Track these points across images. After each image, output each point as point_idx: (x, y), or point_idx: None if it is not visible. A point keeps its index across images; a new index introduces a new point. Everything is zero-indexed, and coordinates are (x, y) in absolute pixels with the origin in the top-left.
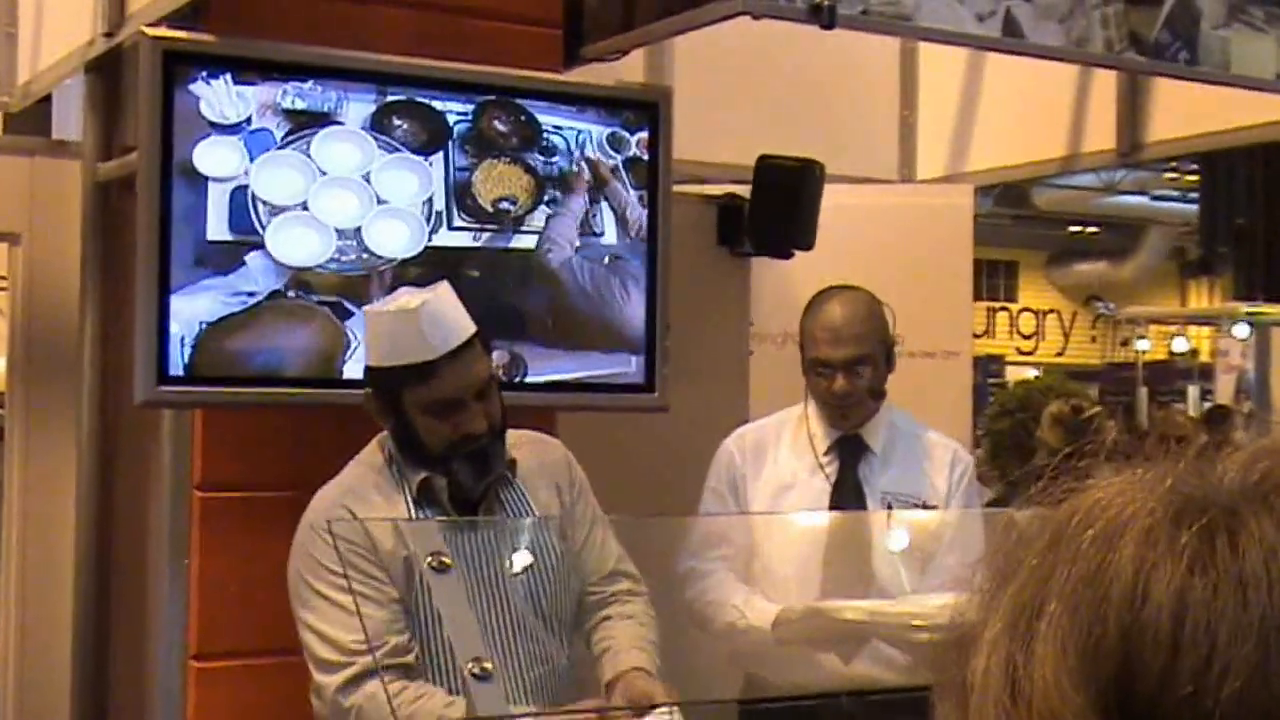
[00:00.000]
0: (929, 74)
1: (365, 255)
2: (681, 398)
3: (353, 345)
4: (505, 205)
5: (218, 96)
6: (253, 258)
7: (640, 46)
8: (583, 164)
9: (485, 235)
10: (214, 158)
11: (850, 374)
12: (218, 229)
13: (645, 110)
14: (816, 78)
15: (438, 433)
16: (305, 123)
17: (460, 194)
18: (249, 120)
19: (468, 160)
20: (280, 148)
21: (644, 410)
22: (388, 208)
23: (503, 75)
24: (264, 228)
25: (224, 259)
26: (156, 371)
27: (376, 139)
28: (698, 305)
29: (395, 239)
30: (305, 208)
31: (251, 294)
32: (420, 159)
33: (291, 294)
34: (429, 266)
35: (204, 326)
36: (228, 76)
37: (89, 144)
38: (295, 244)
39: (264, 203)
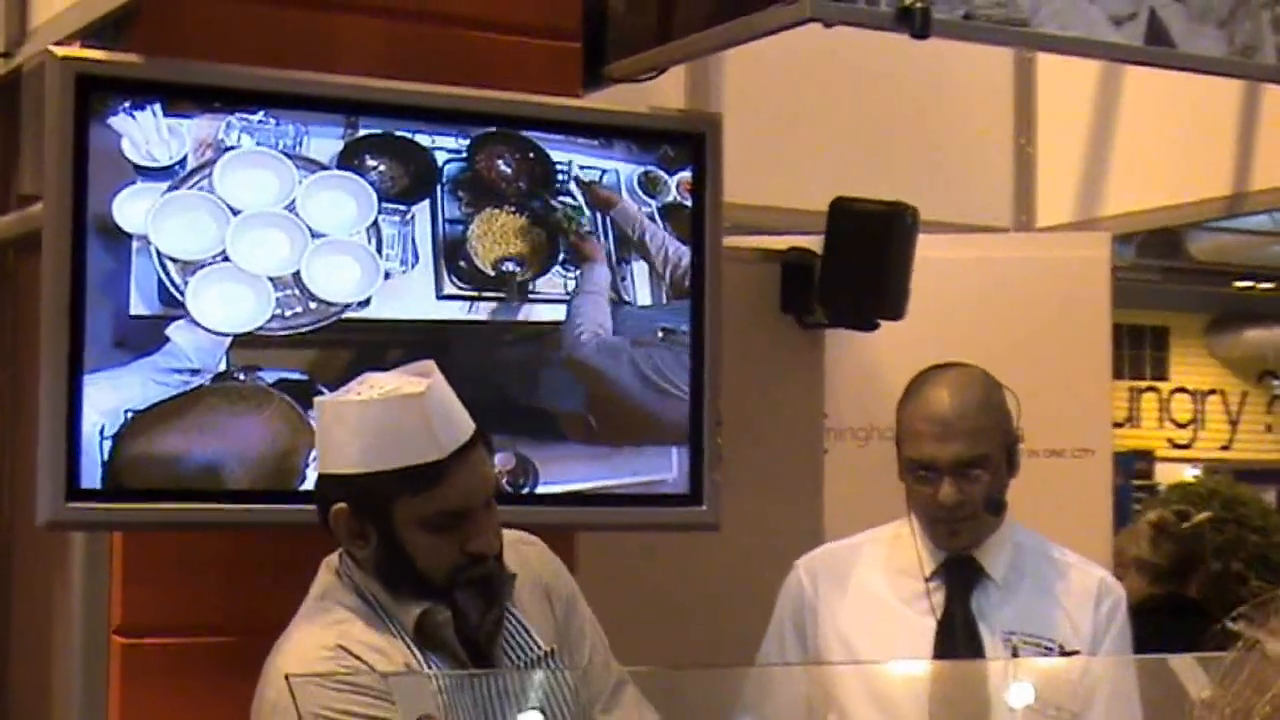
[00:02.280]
0: (1051, 93)
1: (313, 304)
2: (737, 512)
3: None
4: (509, 267)
5: (144, 133)
6: (177, 329)
7: (680, 63)
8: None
9: (483, 306)
10: (139, 210)
11: (961, 478)
12: (145, 300)
13: (688, 143)
14: (906, 100)
15: (441, 554)
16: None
17: (451, 253)
18: (183, 162)
19: (461, 210)
20: (173, 188)
21: (689, 529)
22: (326, 241)
23: (505, 101)
24: (181, 290)
25: (150, 336)
26: (65, 483)
27: (291, 158)
28: (757, 392)
29: (343, 278)
30: (225, 258)
31: (194, 372)
32: (358, 179)
33: (241, 375)
34: (409, 347)
35: (129, 417)
36: (157, 107)
37: None
38: (223, 305)
39: (173, 259)
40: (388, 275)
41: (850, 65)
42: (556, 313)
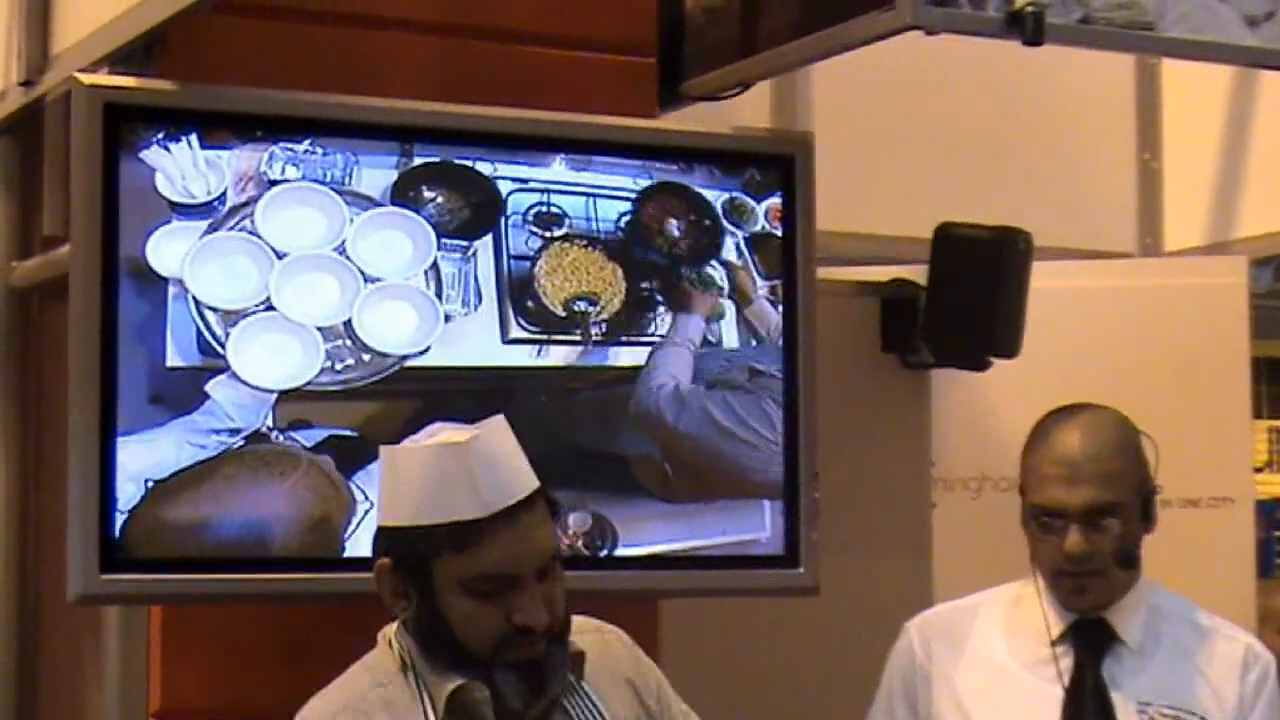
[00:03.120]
0: (1178, 104)
1: (367, 355)
2: (837, 573)
3: (359, 509)
4: (582, 306)
5: (180, 166)
6: (217, 385)
7: (766, 79)
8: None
9: (553, 350)
10: (175, 252)
11: (1090, 528)
12: (181, 351)
13: (777, 167)
14: (1017, 114)
15: (481, 623)
16: None
17: (518, 292)
18: (223, 198)
19: (528, 245)
20: (211, 230)
21: (785, 593)
22: (380, 286)
23: (575, 124)
24: (222, 342)
25: (190, 392)
26: (99, 554)
27: (341, 193)
28: (857, 440)
29: (399, 326)
30: (269, 306)
31: (234, 431)
32: (415, 216)
33: (277, 435)
34: (473, 398)
35: (163, 481)
36: (193, 138)
37: None
38: (270, 358)
39: (212, 309)
40: (448, 318)
41: (954, 77)
42: (634, 356)
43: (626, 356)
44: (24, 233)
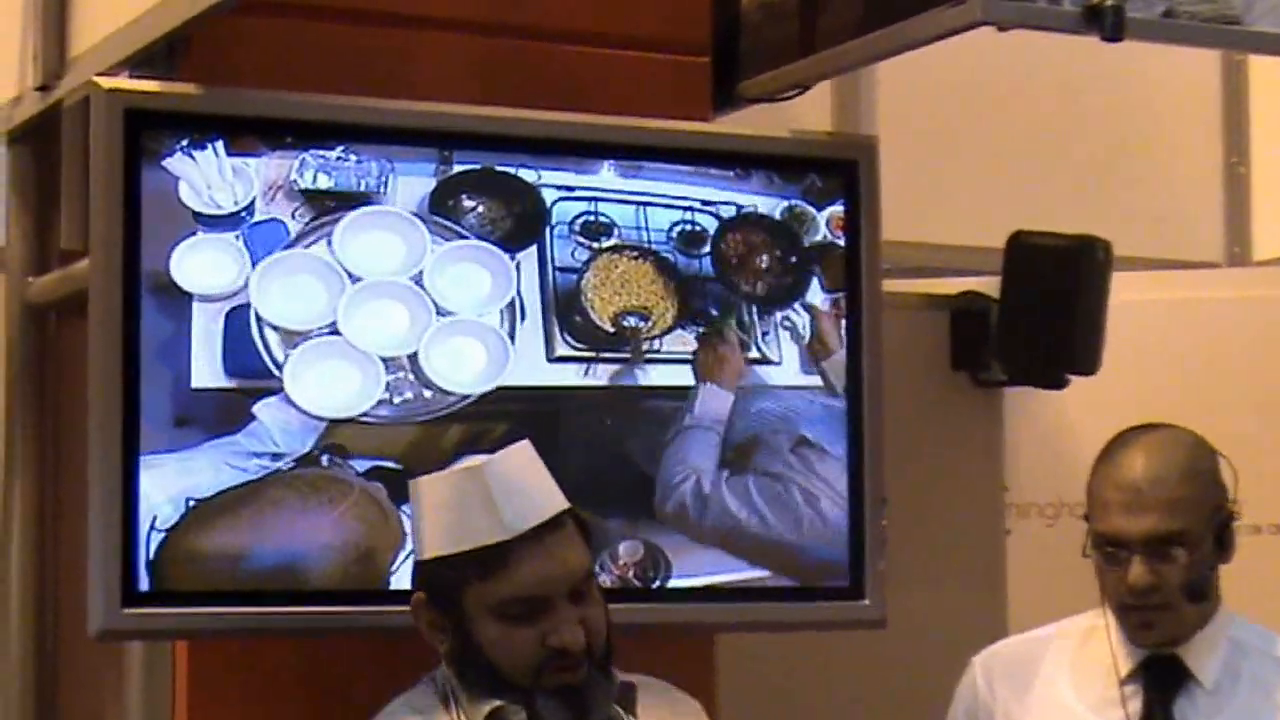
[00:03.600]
0: (1267, 104)
1: (428, 392)
2: (905, 605)
3: (407, 541)
4: (632, 322)
5: (205, 175)
6: (266, 408)
7: (827, 79)
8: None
9: (601, 369)
10: (202, 266)
11: (1155, 558)
12: (208, 370)
13: (839, 172)
14: (1095, 115)
15: (516, 648)
16: (334, 208)
17: (564, 307)
18: (250, 208)
19: (575, 257)
20: (289, 245)
21: (850, 626)
22: (453, 321)
23: (624, 128)
24: (279, 364)
25: (220, 413)
26: (121, 586)
27: (427, 223)
28: (925, 463)
29: (468, 365)
30: (335, 330)
31: (276, 456)
32: (498, 251)
33: (326, 459)
34: (516, 420)
35: (190, 507)
36: (219, 145)
37: (14, 250)
38: (328, 384)
39: (275, 328)
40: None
41: (1028, 76)
42: (685, 375)
43: (675, 375)
44: (41, 246)
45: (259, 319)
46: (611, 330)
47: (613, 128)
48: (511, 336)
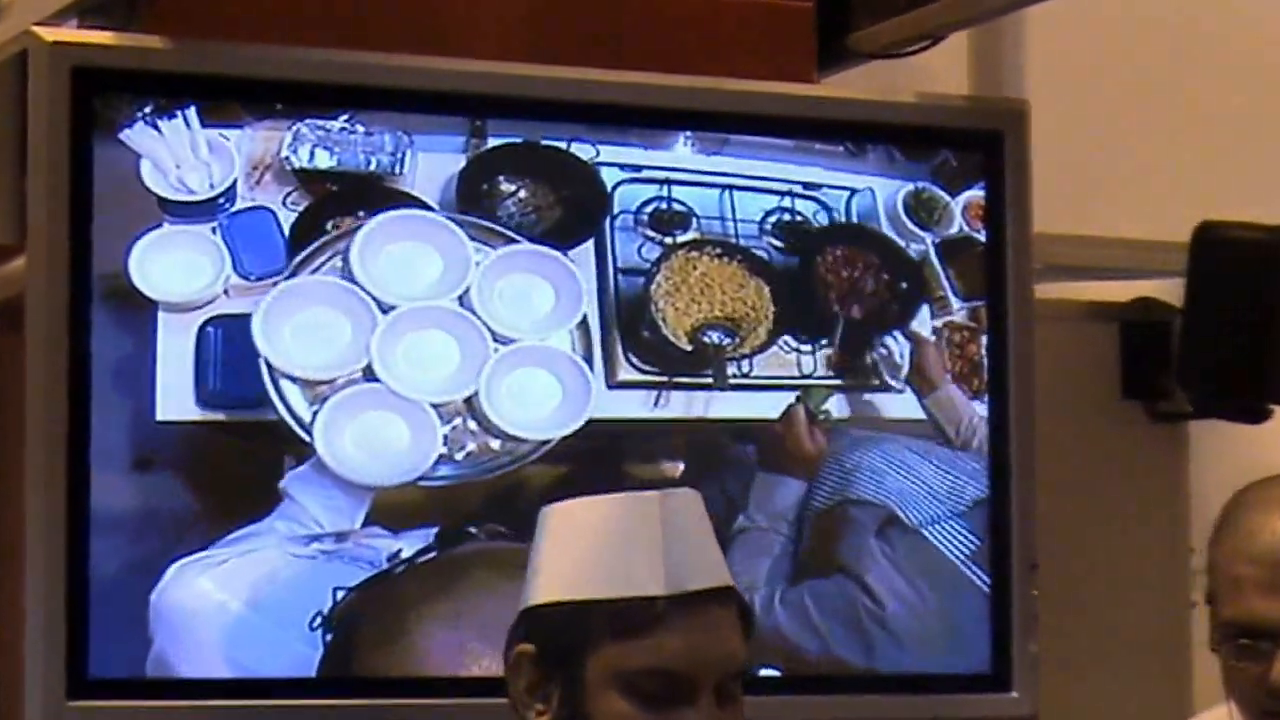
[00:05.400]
0: None
1: (497, 441)
2: (1064, 695)
3: None
4: (715, 338)
5: (173, 151)
6: (298, 481)
7: (962, 29)
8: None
9: (675, 397)
10: (169, 266)
11: None
12: (177, 399)
13: (979, 147)
14: None
15: None
16: (338, 197)
17: (630, 319)
18: (231, 193)
19: (642, 255)
20: (291, 275)
21: None
22: (517, 350)
23: (705, 91)
24: (306, 425)
25: (193, 452)
26: (66, 673)
27: (464, 225)
28: (1089, 517)
29: (541, 402)
30: (372, 376)
31: (315, 537)
32: (557, 255)
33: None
34: (563, 461)
35: (339, 597)
36: (190, 112)
37: None
38: (370, 444)
39: (293, 379)
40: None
41: (1215, 34)
42: (777, 405)
43: (768, 404)
44: None
45: (270, 369)
46: (689, 348)
47: (690, 91)
48: (588, 360)
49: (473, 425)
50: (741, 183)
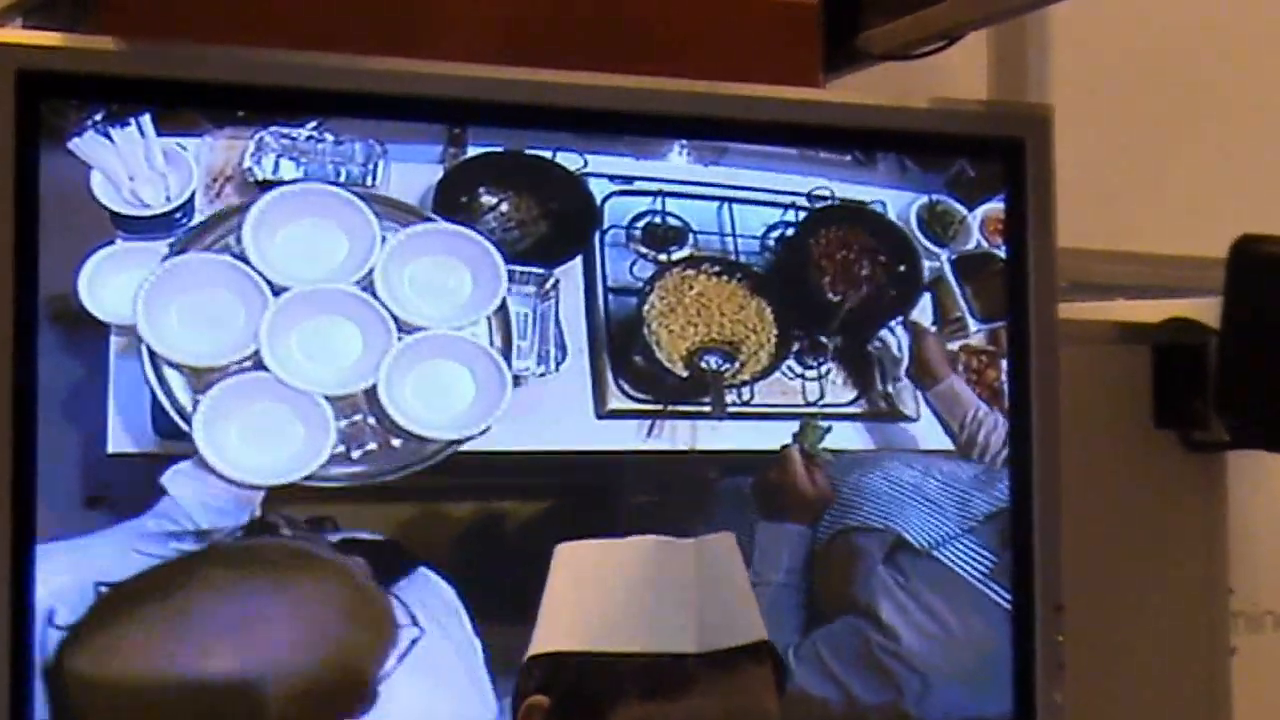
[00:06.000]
0: None
1: (397, 440)
2: None
3: (401, 636)
4: (713, 362)
5: (126, 161)
6: (178, 477)
7: (980, 28)
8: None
9: (672, 428)
10: (123, 287)
11: None
12: (130, 430)
13: (999, 156)
14: None
15: None
16: None
17: (620, 343)
18: (189, 207)
19: (635, 273)
20: (176, 251)
21: None
22: (422, 339)
23: (703, 96)
24: (187, 415)
25: (139, 488)
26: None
27: (372, 203)
28: (1121, 556)
29: (449, 397)
30: (260, 364)
31: (198, 535)
32: (475, 236)
33: (287, 531)
34: (552, 497)
35: (100, 592)
36: (145, 120)
37: None
38: (256, 439)
39: (176, 366)
40: (517, 381)
41: (1255, 25)
42: (781, 435)
43: (771, 435)
44: None
45: (152, 356)
46: (685, 374)
47: (685, 95)
48: (506, 355)
49: (372, 422)
50: (741, 195)
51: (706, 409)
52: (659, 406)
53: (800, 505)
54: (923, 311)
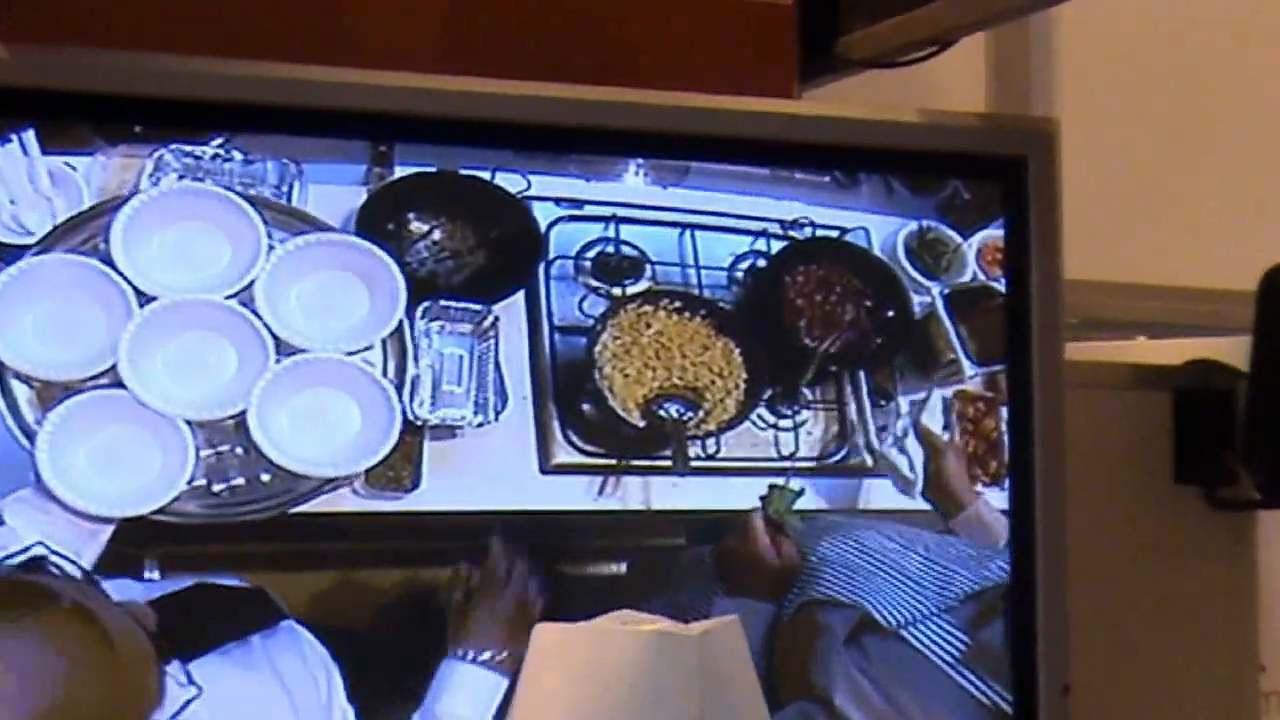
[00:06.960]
0: None
1: (267, 475)
2: None
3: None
4: (674, 411)
5: (7, 182)
6: (17, 505)
7: (975, 32)
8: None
9: (628, 485)
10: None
11: None
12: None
13: (997, 176)
14: None
15: None
16: None
17: (568, 388)
18: None
19: (584, 310)
20: (41, 251)
21: None
22: (306, 361)
23: (662, 110)
24: (32, 434)
25: None
26: None
27: (258, 206)
28: (1138, 627)
29: (332, 430)
30: (117, 381)
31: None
32: (374, 249)
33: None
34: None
35: None
36: (28, 136)
37: None
38: (107, 465)
39: (25, 379)
40: (454, 430)
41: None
42: (751, 494)
43: (740, 493)
44: None
45: (1, 367)
46: (641, 424)
47: (642, 108)
48: (398, 386)
49: (239, 452)
50: (705, 221)
51: (667, 464)
52: (612, 461)
53: (763, 580)
54: (932, 415)
